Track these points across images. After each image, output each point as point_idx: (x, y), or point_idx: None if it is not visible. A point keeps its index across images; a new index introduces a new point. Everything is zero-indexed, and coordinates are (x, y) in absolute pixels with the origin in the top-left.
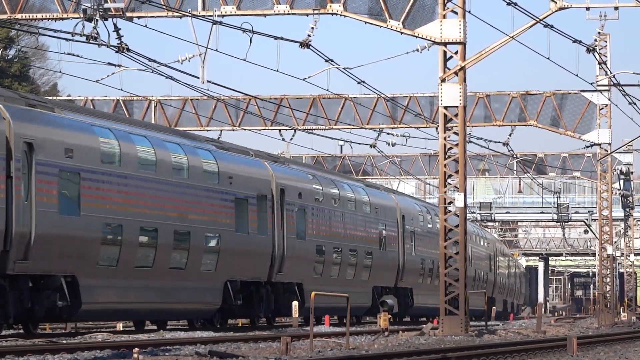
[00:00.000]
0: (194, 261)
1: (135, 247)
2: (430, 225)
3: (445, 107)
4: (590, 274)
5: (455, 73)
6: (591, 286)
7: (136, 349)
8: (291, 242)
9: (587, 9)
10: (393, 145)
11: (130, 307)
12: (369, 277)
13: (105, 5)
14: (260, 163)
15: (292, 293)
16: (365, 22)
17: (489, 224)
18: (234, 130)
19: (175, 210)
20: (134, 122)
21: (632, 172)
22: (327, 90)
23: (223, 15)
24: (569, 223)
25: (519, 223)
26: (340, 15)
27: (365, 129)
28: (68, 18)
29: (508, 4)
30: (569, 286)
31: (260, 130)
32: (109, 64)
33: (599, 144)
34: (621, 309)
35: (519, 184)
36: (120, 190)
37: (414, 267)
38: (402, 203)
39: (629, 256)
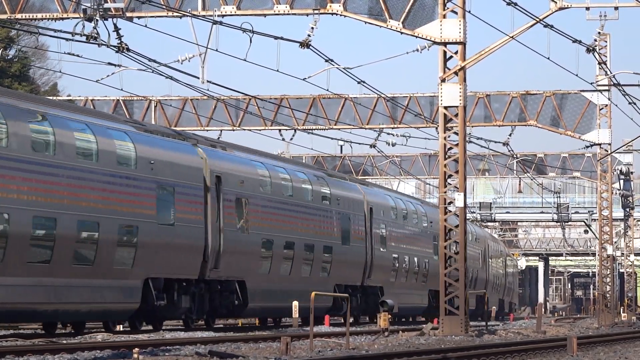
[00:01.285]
0: (104, 256)
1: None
2: (407, 220)
3: (445, 107)
4: (590, 274)
5: (455, 73)
6: (591, 286)
7: (136, 349)
8: (229, 235)
9: (587, 9)
10: (393, 145)
11: (28, 307)
12: (329, 274)
13: (105, 5)
14: (191, 148)
15: (231, 291)
16: (365, 22)
17: (489, 224)
18: (234, 130)
19: (81, 198)
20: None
21: (632, 172)
22: (327, 90)
23: (223, 15)
24: (569, 223)
25: (519, 223)
26: (340, 15)
27: (365, 129)
28: (68, 18)
29: (508, 4)
30: (569, 286)
31: (260, 130)
32: (109, 64)
33: (599, 144)
34: (621, 309)
35: (519, 184)
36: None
37: (384, 263)
38: (371, 195)
39: (629, 256)
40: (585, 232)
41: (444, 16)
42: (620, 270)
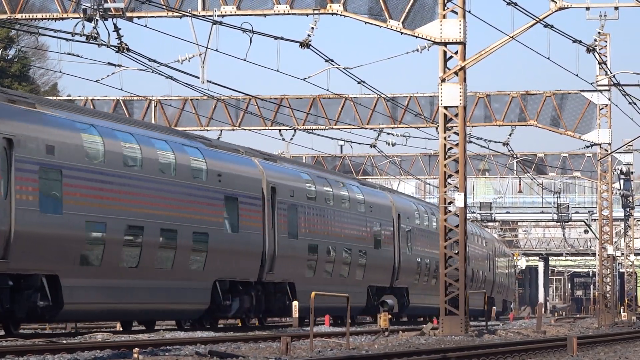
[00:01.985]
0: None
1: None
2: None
3: (445, 107)
4: (591, 274)
5: (455, 73)
6: (591, 286)
7: (136, 349)
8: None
9: (587, 9)
10: (393, 145)
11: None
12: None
13: (105, 5)
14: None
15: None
16: (365, 22)
17: (489, 223)
18: (234, 130)
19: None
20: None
21: (632, 172)
22: (327, 90)
23: (223, 15)
24: (569, 223)
25: (519, 223)
26: (340, 15)
27: (365, 129)
28: (68, 18)
29: (508, 4)
30: (569, 286)
31: (260, 130)
32: (109, 64)
33: (599, 144)
34: (621, 309)
35: (519, 184)
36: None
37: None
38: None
39: (629, 256)
40: (585, 232)
41: (444, 16)
42: (620, 270)
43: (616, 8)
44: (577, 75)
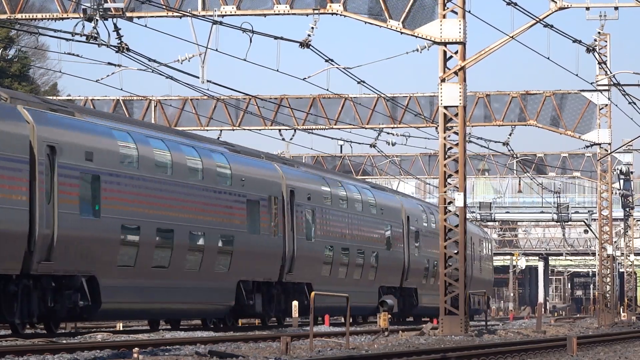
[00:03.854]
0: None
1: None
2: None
3: (445, 107)
4: (590, 274)
5: (455, 73)
6: (591, 286)
7: (136, 348)
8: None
9: (587, 8)
10: (393, 145)
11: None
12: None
13: (105, 5)
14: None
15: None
16: (365, 22)
17: (489, 223)
18: (233, 130)
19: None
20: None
21: (632, 172)
22: (327, 90)
23: (223, 15)
24: (569, 223)
25: (519, 223)
26: (340, 15)
27: (365, 128)
28: (68, 18)
29: (508, 4)
30: (569, 286)
31: (260, 130)
32: (109, 63)
33: (599, 144)
34: (621, 309)
35: (519, 184)
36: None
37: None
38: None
39: (629, 256)
40: (585, 232)
41: (444, 16)
42: (620, 270)
43: (616, 8)
44: (577, 75)
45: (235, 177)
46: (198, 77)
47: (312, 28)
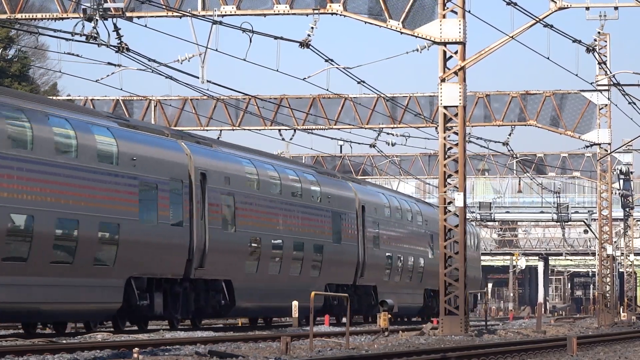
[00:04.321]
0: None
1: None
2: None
3: (445, 107)
4: (590, 273)
5: (455, 73)
6: (591, 286)
7: (136, 348)
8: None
9: (587, 8)
10: (393, 145)
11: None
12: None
13: (105, 5)
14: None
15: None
16: (365, 22)
17: (489, 223)
18: (233, 130)
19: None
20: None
21: (631, 172)
22: (327, 90)
23: (223, 15)
24: (569, 223)
25: (519, 223)
26: (340, 15)
27: (365, 128)
28: (68, 18)
29: (508, 3)
30: (569, 286)
31: (260, 130)
32: (109, 63)
33: (599, 144)
34: (621, 309)
35: (519, 184)
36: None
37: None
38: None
39: (628, 256)
40: (585, 232)
41: (444, 16)
42: (620, 270)
43: (616, 8)
44: (576, 75)
45: (124, 156)
46: (198, 77)
47: (312, 28)
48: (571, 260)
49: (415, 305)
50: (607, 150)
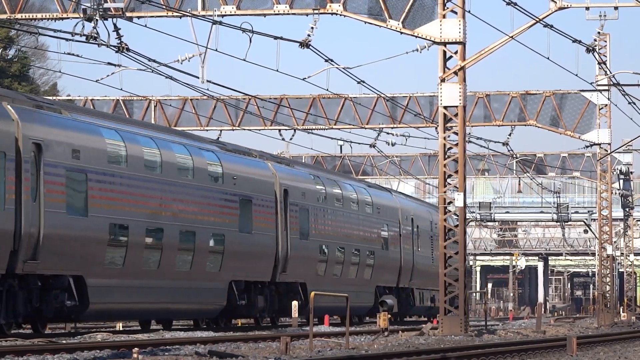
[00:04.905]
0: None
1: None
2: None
3: (445, 107)
4: (590, 273)
5: (455, 73)
6: (591, 286)
7: (136, 349)
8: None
9: (587, 8)
10: (393, 145)
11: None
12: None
13: (105, 5)
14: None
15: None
16: (365, 22)
17: (489, 223)
18: (233, 130)
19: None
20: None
21: (631, 172)
22: (327, 90)
23: (223, 15)
24: (569, 223)
25: (519, 223)
26: (340, 15)
27: (365, 128)
28: (68, 18)
29: (508, 3)
30: (569, 286)
31: (260, 130)
32: (109, 63)
33: (599, 144)
34: (621, 309)
35: (519, 184)
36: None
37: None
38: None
39: (628, 256)
40: (585, 232)
41: (444, 16)
42: (620, 270)
43: (616, 8)
44: (576, 75)
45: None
46: (198, 77)
47: (312, 28)
48: (571, 260)
49: (364, 305)
50: (607, 150)
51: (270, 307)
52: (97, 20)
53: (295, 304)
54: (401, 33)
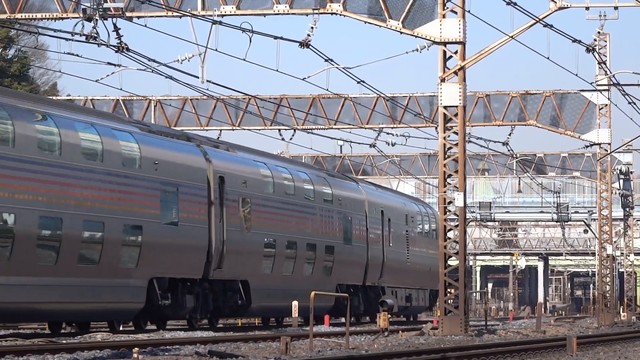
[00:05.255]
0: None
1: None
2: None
3: (445, 107)
4: (590, 273)
5: (455, 73)
6: (591, 286)
7: (136, 348)
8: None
9: (587, 8)
10: (393, 145)
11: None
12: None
13: (105, 5)
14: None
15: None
16: (365, 22)
17: (489, 223)
18: (233, 130)
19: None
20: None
21: (631, 172)
22: (327, 90)
23: (223, 15)
24: (569, 223)
25: (519, 223)
26: (340, 15)
27: (365, 128)
28: (68, 18)
29: (508, 3)
30: (569, 286)
31: (259, 130)
32: (109, 63)
33: (599, 144)
34: (621, 309)
35: (519, 184)
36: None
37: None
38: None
39: (628, 256)
40: (585, 231)
41: (444, 16)
42: (620, 270)
43: (616, 8)
44: (576, 75)
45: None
46: (198, 77)
47: (312, 28)
48: (571, 260)
49: (322, 305)
50: (607, 150)
51: (203, 307)
52: (97, 20)
53: (295, 303)
54: (401, 33)
